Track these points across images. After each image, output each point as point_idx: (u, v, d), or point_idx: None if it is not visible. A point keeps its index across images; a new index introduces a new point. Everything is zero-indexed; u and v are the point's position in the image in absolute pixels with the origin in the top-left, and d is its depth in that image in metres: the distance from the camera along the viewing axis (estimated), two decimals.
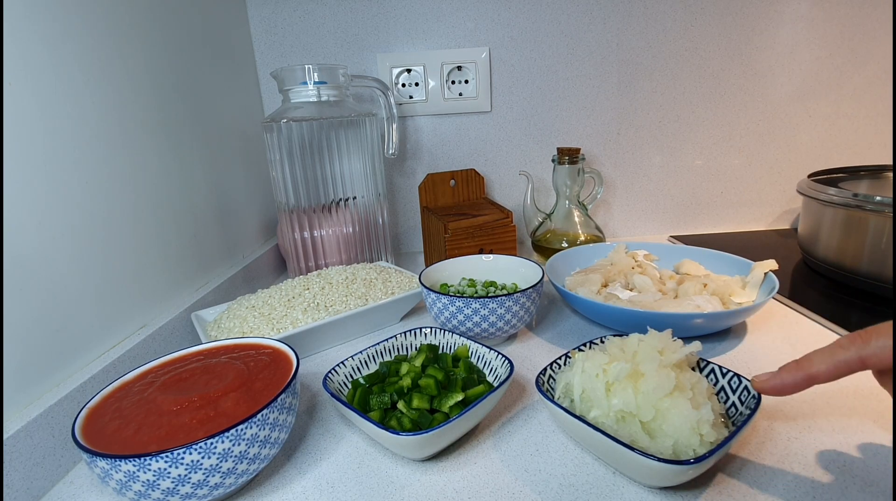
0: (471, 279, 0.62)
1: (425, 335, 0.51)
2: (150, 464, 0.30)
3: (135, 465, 0.30)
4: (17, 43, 0.39)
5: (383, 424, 0.38)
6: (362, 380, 0.45)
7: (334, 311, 0.57)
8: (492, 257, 0.65)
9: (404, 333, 0.51)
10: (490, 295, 0.53)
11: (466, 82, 0.87)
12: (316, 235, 0.74)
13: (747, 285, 0.59)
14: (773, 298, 0.65)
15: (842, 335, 0.54)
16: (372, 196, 0.77)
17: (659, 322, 0.50)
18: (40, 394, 0.40)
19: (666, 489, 0.35)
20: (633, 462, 0.33)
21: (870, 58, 0.86)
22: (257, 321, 0.54)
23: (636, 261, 0.68)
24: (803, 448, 0.38)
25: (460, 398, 0.40)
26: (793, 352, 0.52)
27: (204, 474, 0.32)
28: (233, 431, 0.32)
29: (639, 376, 0.37)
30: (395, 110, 0.79)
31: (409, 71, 0.86)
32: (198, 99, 0.66)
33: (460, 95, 0.87)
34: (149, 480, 0.31)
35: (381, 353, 0.49)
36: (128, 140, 0.52)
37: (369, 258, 0.79)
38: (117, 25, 0.51)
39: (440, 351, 0.49)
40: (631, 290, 0.62)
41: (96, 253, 0.47)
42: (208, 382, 0.38)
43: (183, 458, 0.31)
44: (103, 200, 0.48)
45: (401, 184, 0.93)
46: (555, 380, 0.42)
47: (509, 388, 0.48)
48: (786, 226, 0.97)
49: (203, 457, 0.32)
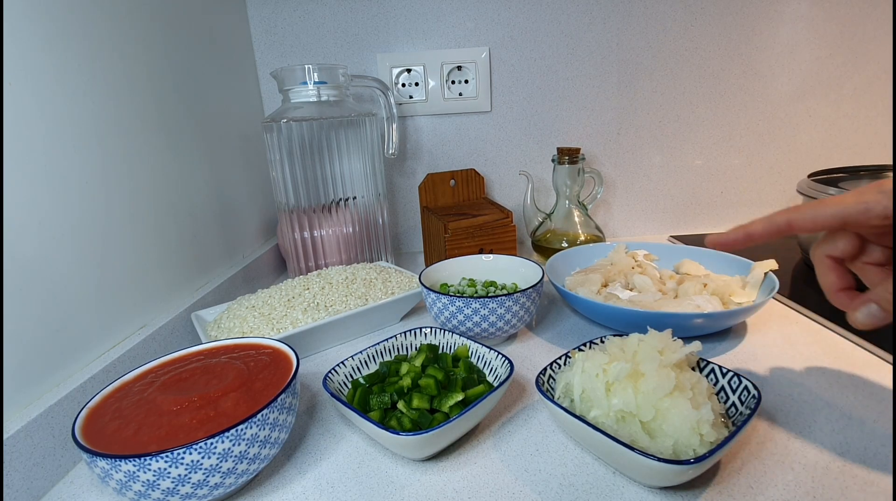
0: (471, 279, 0.62)
1: (425, 335, 0.51)
2: (150, 464, 0.30)
3: (135, 465, 0.30)
4: (17, 43, 0.39)
5: (383, 424, 0.38)
6: (362, 380, 0.45)
7: (334, 311, 0.57)
8: (492, 257, 0.65)
9: (404, 333, 0.51)
10: (490, 295, 0.53)
11: (466, 82, 0.87)
12: (316, 235, 0.74)
13: (747, 285, 0.59)
14: (773, 298, 0.65)
15: (842, 336, 0.54)
16: (372, 196, 0.77)
17: (659, 322, 0.50)
18: (40, 394, 0.40)
19: (666, 489, 0.35)
20: (633, 462, 0.33)
21: (870, 58, 0.86)
22: (257, 321, 0.54)
23: (636, 261, 0.68)
24: (803, 448, 0.38)
25: (460, 398, 0.40)
26: (793, 352, 0.52)
27: (204, 474, 0.32)
28: (233, 431, 0.32)
29: (639, 376, 0.37)
30: (395, 110, 0.79)
31: (409, 71, 0.86)
32: (198, 99, 0.66)
33: (460, 94, 0.87)
34: (149, 480, 0.31)
35: (381, 353, 0.49)
36: (128, 140, 0.52)
37: (369, 258, 0.79)
38: (117, 25, 0.51)
39: (440, 351, 0.49)
40: (631, 290, 0.62)
41: (96, 253, 0.47)
42: (208, 382, 0.38)
43: (183, 458, 0.31)
44: (103, 200, 0.48)
45: (401, 184, 0.93)
46: (555, 380, 0.42)
47: (509, 388, 0.48)
48: None
49: (203, 457, 0.32)
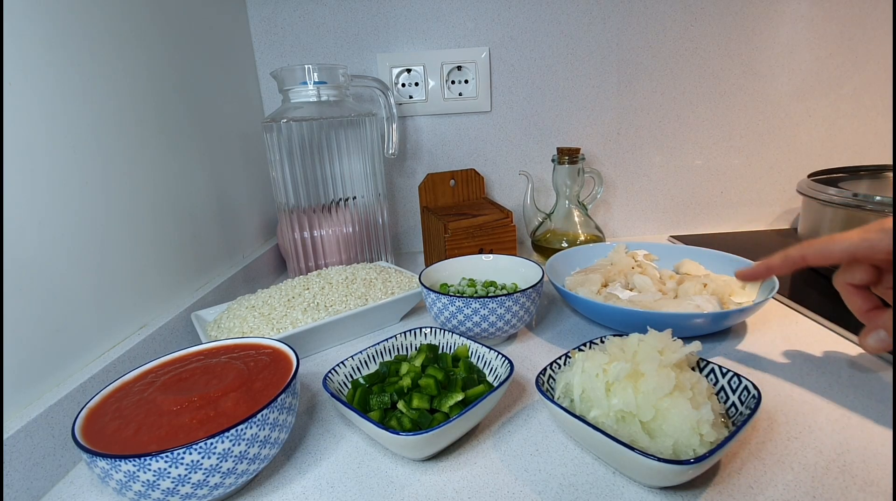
0: (471, 279, 0.62)
1: (425, 335, 0.51)
2: (150, 464, 0.30)
3: (135, 465, 0.30)
4: (16, 43, 0.39)
5: (383, 424, 0.38)
6: (362, 380, 0.45)
7: (334, 311, 0.57)
8: (492, 257, 0.65)
9: (404, 333, 0.51)
10: (490, 295, 0.53)
11: (466, 82, 0.87)
12: (316, 235, 0.74)
13: (747, 285, 0.59)
14: (773, 298, 0.65)
15: (842, 336, 0.54)
16: (372, 196, 0.77)
17: (659, 322, 0.50)
18: (40, 394, 0.40)
19: (666, 489, 0.35)
20: (633, 462, 0.33)
21: (870, 58, 0.86)
22: (257, 321, 0.54)
23: (636, 261, 0.68)
24: (803, 448, 0.38)
25: (460, 398, 0.40)
26: (793, 352, 0.52)
27: (204, 474, 0.32)
28: (233, 431, 0.32)
29: (639, 376, 0.37)
30: (395, 110, 0.79)
31: (409, 71, 0.86)
32: (198, 99, 0.66)
33: (460, 94, 0.87)
34: (149, 480, 0.31)
35: (381, 353, 0.49)
36: (127, 140, 0.52)
37: (369, 258, 0.79)
38: (117, 26, 0.51)
39: (440, 351, 0.49)
40: (631, 290, 0.62)
41: (96, 253, 0.47)
42: (208, 382, 0.38)
43: (183, 458, 0.31)
44: (103, 200, 0.48)
45: (401, 184, 0.93)
46: (555, 380, 0.42)
47: (509, 388, 0.48)
48: (786, 226, 0.97)
49: (203, 457, 0.32)
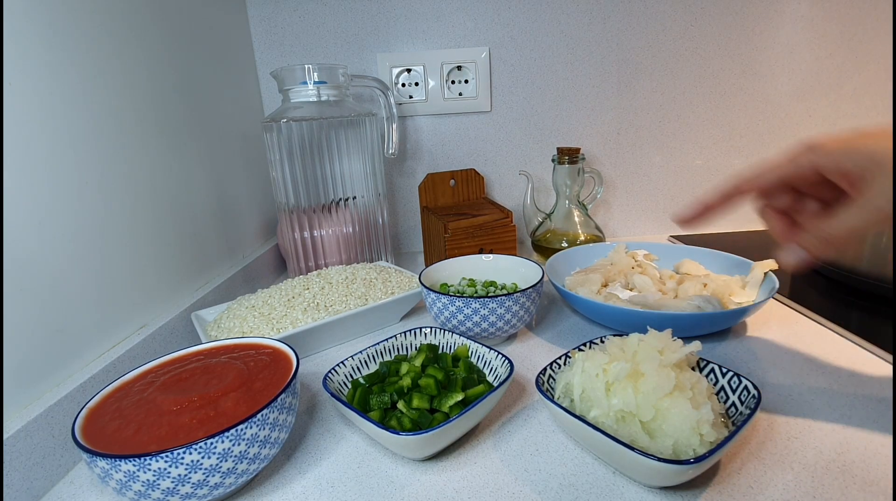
0: (471, 279, 0.62)
1: (425, 334, 0.51)
2: (150, 464, 0.30)
3: (135, 465, 0.30)
4: (16, 43, 0.39)
5: (383, 424, 0.38)
6: (362, 380, 0.45)
7: (334, 311, 0.57)
8: (492, 256, 0.65)
9: (404, 333, 0.51)
10: (490, 295, 0.53)
11: (466, 82, 0.87)
12: (316, 235, 0.74)
13: (747, 285, 0.59)
14: (773, 298, 0.65)
15: (842, 335, 0.54)
16: (372, 196, 0.77)
17: (659, 322, 0.50)
18: (40, 394, 0.40)
19: (666, 489, 0.35)
20: (633, 462, 0.33)
21: (870, 58, 0.86)
22: (257, 320, 0.54)
23: (636, 261, 0.68)
24: (803, 448, 0.38)
25: (460, 397, 0.40)
26: (793, 352, 0.52)
27: (204, 474, 0.32)
28: (233, 431, 0.32)
29: (639, 376, 0.37)
30: (395, 110, 0.79)
31: (409, 71, 0.86)
32: (197, 99, 0.66)
33: (460, 94, 0.87)
34: (149, 480, 0.31)
35: (381, 353, 0.49)
36: (127, 140, 0.52)
37: (369, 258, 0.79)
38: (116, 25, 0.51)
39: (440, 351, 0.49)
40: (631, 290, 0.62)
41: (96, 253, 0.47)
42: (208, 382, 0.38)
43: (183, 458, 0.31)
44: (103, 200, 0.48)
45: (401, 184, 0.93)
46: (555, 380, 0.42)
47: (509, 388, 0.48)
48: None
49: (203, 457, 0.32)
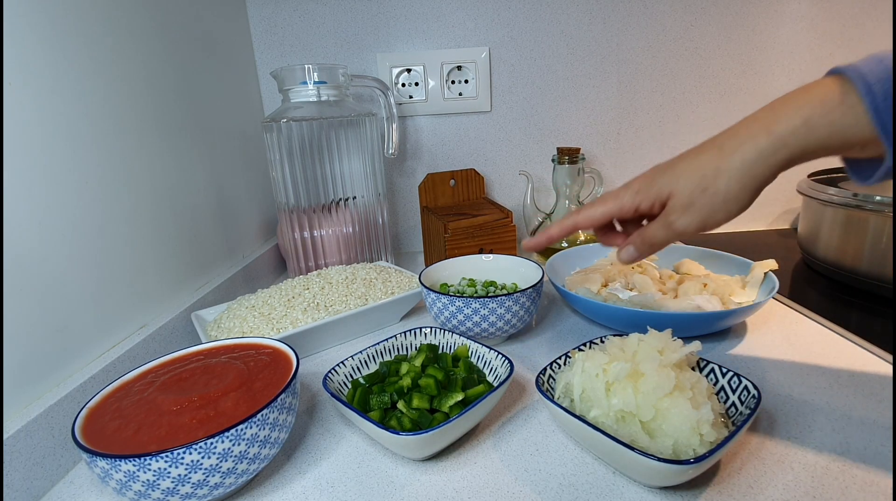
0: (471, 279, 0.62)
1: (425, 334, 0.51)
2: (150, 464, 0.30)
3: (135, 465, 0.30)
4: (16, 43, 0.39)
5: (383, 424, 0.38)
6: (362, 380, 0.45)
7: (334, 311, 0.57)
8: (492, 256, 0.65)
9: (404, 333, 0.51)
10: (490, 295, 0.53)
11: (466, 82, 0.87)
12: (316, 235, 0.74)
13: (747, 285, 0.59)
14: (773, 298, 0.65)
15: (842, 335, 0.54)
16: (372, 196, 0.77)
17: (659, 322, 0.50)
18: (40, 394, 0.40)
19: (666, 489, 0.35)
20: (633, 462, 0.33)
21: None
22: (257, 320, 0.54)
23: None
24: (803, 448, 0.38)
25: (460, 397, 0.40)
26: (793, 352, 0.52)
27: (204, 474, 0.32)
28: (233, 431, 0.32)
29: (639, 375, 0.37)
30: (395, 110, 0.79)
31: (409, 71, 0.86)
32: (197, 99, 0.66)
33: (460, 94, 0.87)
34: (149, 480, 0.31)
35: (381, 353, 0.49)
36: (127, 140, 0.52)
37: (369, 258, 0.79)
38: (116, 25, 0.51)
39: (440, 351, 0.49)
40: (631, 289, 0.62)
41: (96, 253, 0.47)
42: (208, 382, 0.38)
43: (183, 458, 0.31)
44: (103, 200, 0.48)
45: (401, 184, 0.93)
46: (555, 380, 0.42)
47: (509, 388, 0.48)
48: (786, 226, 0.97)
49: (203, 457, 0.32)
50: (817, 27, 0.84)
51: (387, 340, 0.50)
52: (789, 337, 0.55)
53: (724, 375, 0.41)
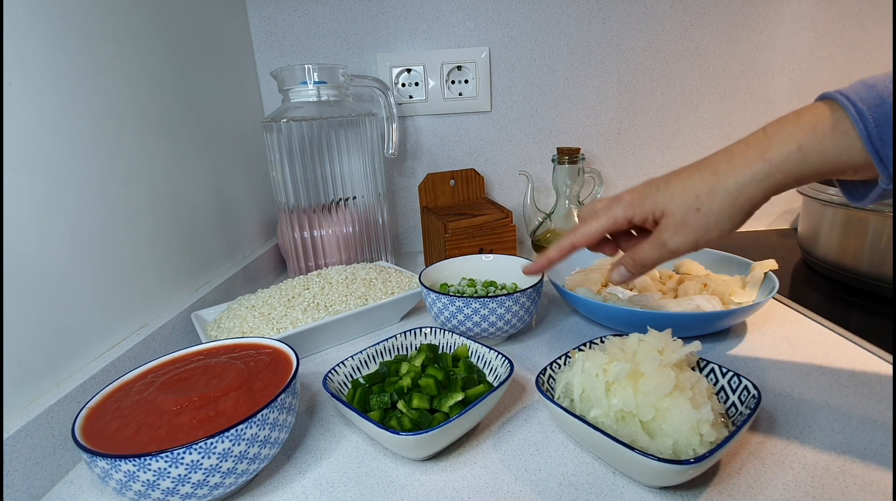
0: (471, 279, 0.62)
1: (425, 334, 0.51)
2: (150, 464, 0.30)
3: (135, 465, 0.30)
4: (16, 44, 0.39)
5: (383, 424, 0.38)
6: (362, 380, 0.45)
7: (334, 311, 0.57)
8: (492, 256, 0.65)
9: (404, 333, 0.51)
10: (490, 295, 0.53)
11: (466, 82, 0.87)
12: (316, 235, 0.74)
13: (747, 285, 0.59)
14: (773, 297, 0.65)
15: (842, 335, 0.54)
16: (372, 196, 0.77)
17: (659, 322, 0.50)
18: (40, 394, 0.40)
19: (666, 489, 0.35)
20: (633, 462, 0.33)
21: (870, 58, 0.86)
22: (257, 320, 0.54)
23: None
24: (803, 448, 0.38)
25: (460, 397, 0.40)
26: (793, 351, 0.52)
27: (204, 474, 0.32)
28: (233, 431, 0.32)
29: (639, 376, 0.37)
30: (394, 110, 0.79)
31: (409, 71, 0.86)
32: (197, 99, 0.66)
33: (460, 94, 0.87)
34: (149, 480, 0.31)
35: (381, 353, 0.49)
36: (127, 140, 0.52)
37: (369, 258, 0.79)
38: (116, 26, 0.51)
39: (440, 351, 0.49)
40: (631, 290, 0.62)
41: (96, 253, 0.47)
42: (208, 382, 0.38)
43: (183, 458, 0.31)
44: (103, 200, 0.48)
45: (401, 184, 0.93)
46: (555, 380, 0.42)
47: (509, 388, 0.48)
48: (786, 226, 0.97)
49: (203, 457, 0.32)
50: (817, 27, 0.84)
51: (387, 340, 0.50)
52: (789, 337, 0.55)
53: (724, 375, 0.41)
